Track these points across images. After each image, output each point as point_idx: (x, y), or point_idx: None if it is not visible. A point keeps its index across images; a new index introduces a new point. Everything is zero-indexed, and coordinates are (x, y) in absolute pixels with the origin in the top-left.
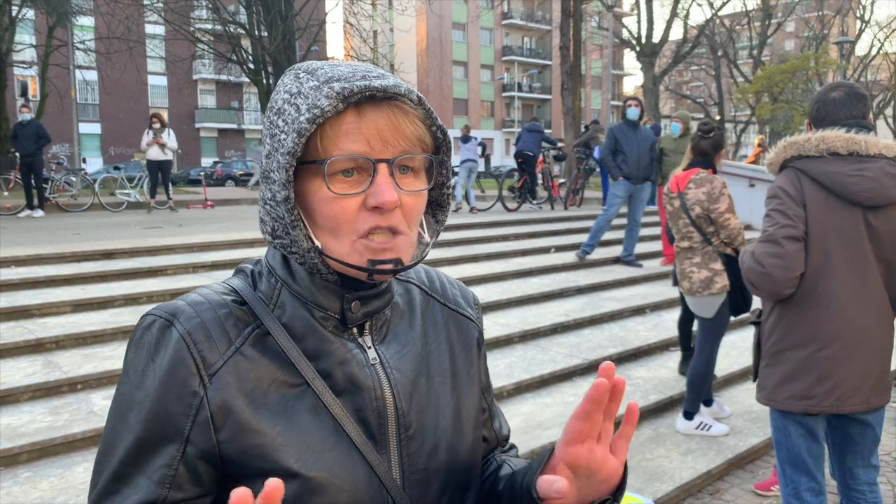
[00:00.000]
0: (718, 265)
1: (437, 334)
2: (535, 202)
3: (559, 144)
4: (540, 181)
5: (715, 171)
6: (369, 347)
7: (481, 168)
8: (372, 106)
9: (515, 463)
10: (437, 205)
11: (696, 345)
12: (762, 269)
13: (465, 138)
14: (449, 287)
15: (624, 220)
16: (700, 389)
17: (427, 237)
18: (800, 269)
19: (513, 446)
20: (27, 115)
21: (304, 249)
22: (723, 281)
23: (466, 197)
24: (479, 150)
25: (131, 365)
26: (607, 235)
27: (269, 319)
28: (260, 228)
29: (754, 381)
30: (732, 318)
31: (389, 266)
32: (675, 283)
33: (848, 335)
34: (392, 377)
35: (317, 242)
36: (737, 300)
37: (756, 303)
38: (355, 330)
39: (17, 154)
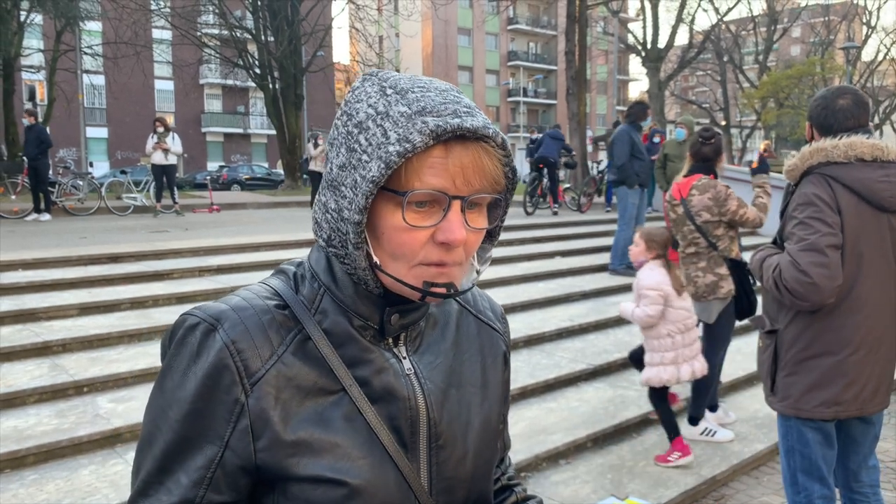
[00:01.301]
0: (723, 270)
1: (470, 345)
2: (555, 206)
3: (572, 152)
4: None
5: (716, 177)
6: (404, 358)
7: None
8: (460, 144)
9: None
10: (488, 234)
11: (704, 351)
12: (808, 279)
13: None
14: (480, 299)
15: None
16: (706, 394)
17: (477, 265)
18: (841, 277)
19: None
20: (26, 121)
21: (360, 267)
22: (728, 286)
23: None
24: None
25: (173, 363)
26: (611, 240)
27: (311, 324)
28: (313, 230)
29: (772, 392)
30: (738, 323)
31: (443, 290)
32: None
33: (872, 338)
34: (426, 387)
35: (375, 259)
36: (742, 304)
37: (758, 311)
38: (391, 340)
39: (25, 158)
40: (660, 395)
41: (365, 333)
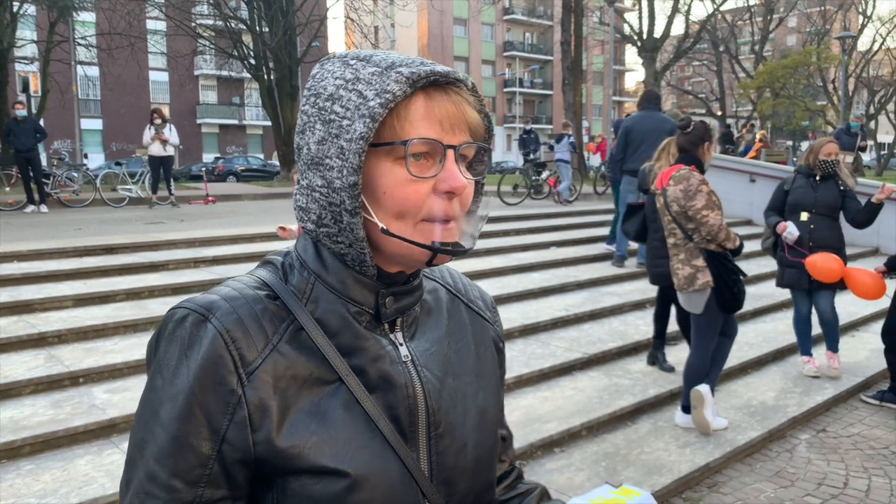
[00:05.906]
0: (700, 261)
1: (463, 334)
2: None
3: None
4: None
5: (701, 167)
6: (401, 344)
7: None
8: (438, 91)
9: None
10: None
11: (692, 342)
12: None
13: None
14: (471, 288)
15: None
16: (696, 385)
17: (470, 228)
18: None
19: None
20: (22, 112)
21: (357, 238)
22: (704, 277)
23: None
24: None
25: (163, 359)
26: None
27: (303, 314)
28: (298, 217)
29: None
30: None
31: (450, 248)
32: (653, 282)
33: None
34: (423, 375)
35: (381, 224)
36: (725, 297)
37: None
38: (387, 326)
39: (16, 150)
40: None
41: (360, 319)
